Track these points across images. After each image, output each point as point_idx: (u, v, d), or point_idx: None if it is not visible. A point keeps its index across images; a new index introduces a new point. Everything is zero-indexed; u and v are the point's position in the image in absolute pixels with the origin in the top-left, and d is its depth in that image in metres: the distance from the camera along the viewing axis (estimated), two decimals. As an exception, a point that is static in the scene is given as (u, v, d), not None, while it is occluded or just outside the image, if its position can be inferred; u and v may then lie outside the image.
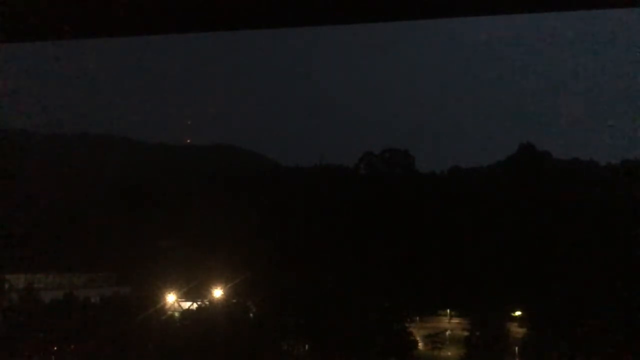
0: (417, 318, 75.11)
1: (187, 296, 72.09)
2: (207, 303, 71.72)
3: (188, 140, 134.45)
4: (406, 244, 76.64)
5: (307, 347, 67.84)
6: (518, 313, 72.19)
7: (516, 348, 66.07)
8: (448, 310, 78.03)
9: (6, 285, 70.65)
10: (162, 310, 68.98)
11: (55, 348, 61.39)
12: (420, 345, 71.05)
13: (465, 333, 68.96)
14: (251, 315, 70.30)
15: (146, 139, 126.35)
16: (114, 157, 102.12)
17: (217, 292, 72.71)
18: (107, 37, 6.61)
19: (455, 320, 76.51)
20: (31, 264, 71.46)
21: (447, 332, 74.09)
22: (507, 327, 68.51)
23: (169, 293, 71.14)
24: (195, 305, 71.36)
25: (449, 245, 76.34)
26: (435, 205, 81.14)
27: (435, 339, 71.63)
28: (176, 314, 70.30)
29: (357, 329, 65.72)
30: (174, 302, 71.44)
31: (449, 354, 70.75)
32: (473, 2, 5.67)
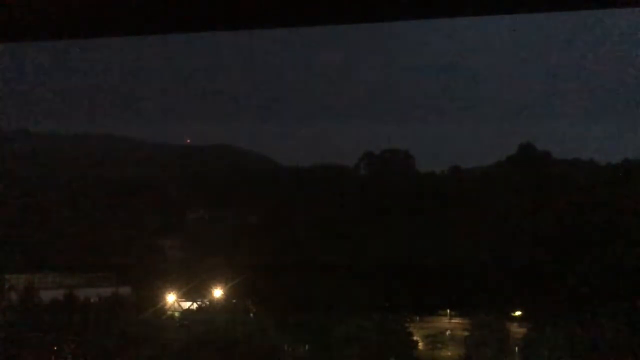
0: (417, 318, 75.09)
1: (187, 296, 72.14)
2: (207, 303, 71.78)
3: (188, 141, 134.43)
4: (406, 244, 76.64)
5: (307, 347, 67.89)
6: (518, 313, 72.20)
7: (516, 348, 66.11)
8: (448, 310, 78.02)
9: (6, 285, 70.71)
10: (162, 310, 69.08)
11: (55, 348, 61.46)
12: (420, 345, 71.06)
13: (465, 333, 68.98)
14: (251, 315, 70.38)
15: (146, 139, 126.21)
16: (114, 157, 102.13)
17: (217, 292, 72.76)
18: (107, 37, 6.60)
19: (455, 320, 76.48)
20: (31, 264, 71.52)
21: (447, 332, 74.09)
22: (507, 327, 68.52)
23: (169, 293, 71.20)
24: (195, 305, 71.43)
25: (449, 245, 76.36)
26: (435, 205, 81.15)
27: (435, 339, 71.61)
28: (176, 314, 70.36)
29: (357, 329, 65.78)
30: (174, 302, 71.50)
31: (449, 354, 70.75)
32: (473, 2, 5.67)
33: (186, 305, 72.03)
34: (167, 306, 70.66)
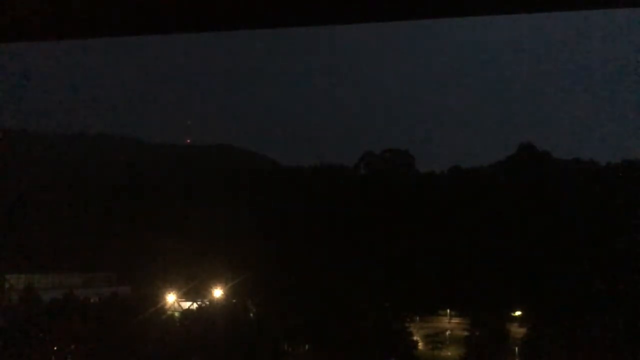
0: (417, 318, 75.13)
1: (187, 296, 72.10)
2: (207, 303, 71.73)
3: (188, 141, 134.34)
4: (406, 244, 76.62)
5: (307, 347, 67.85)
6: (518, 313, 72.21)
7: (516, 348, 66.08)
8: (448, 310, 78.04)
9: (6, 285, 70.65)
10: (162, 310, 68.99)
11: (55, 348, 61.33)
12: (420, 345, 71.05)
13: (465, 333, 68.99)
14: (251, 315, 70.35)
15: (146, 139, 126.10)
16: (114, 157, 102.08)
17: (217, 292, 72.72)
18: (107, 37, 6.59)
19: (455, 320, 76.51)
20: (31, 264, 71.44)
21: (447, 332, 74.10)
22: (507, 327, 68.53)
23: (169, 293, 71.16)
24: (195, 305, 71.36)
25: (449, 245, 76.34)
26: (435, 205, 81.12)
27: (435, 339, 71.66)
28: (176, 314, 70.29)
29: (357, 329, 65.75)
30: (174, 302, 71.45)
31: (449, 354, 70.76)
32: (473, 2, 5.66)
33: (186, 305, 72.04)
34: (167, 306, 70.63)
